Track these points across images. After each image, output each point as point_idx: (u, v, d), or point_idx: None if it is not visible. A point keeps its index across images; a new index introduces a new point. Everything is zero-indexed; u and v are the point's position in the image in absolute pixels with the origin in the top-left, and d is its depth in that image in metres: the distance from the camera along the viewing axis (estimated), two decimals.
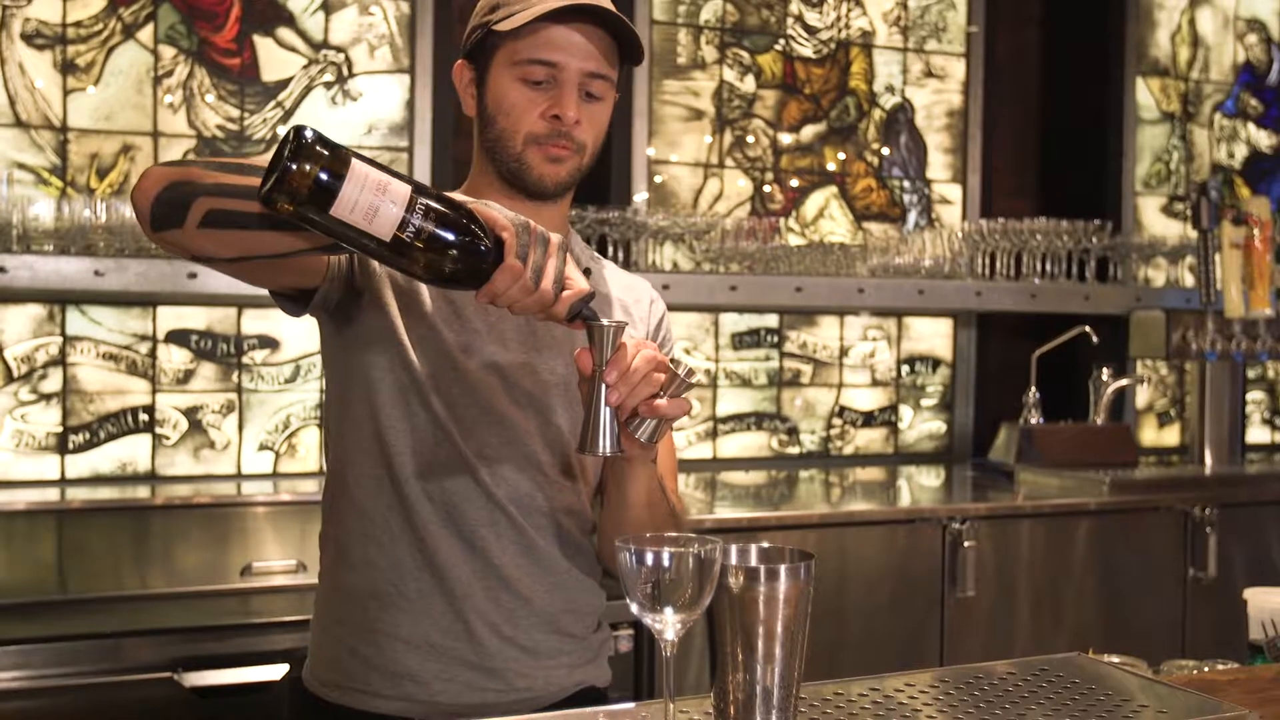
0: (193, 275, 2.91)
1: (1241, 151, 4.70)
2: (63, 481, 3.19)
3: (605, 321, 1.35)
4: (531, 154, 1.61)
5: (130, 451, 3.27)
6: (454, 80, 1.70)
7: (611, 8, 1.59)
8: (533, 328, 1.65)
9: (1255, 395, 4.69)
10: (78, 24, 3.22)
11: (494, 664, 1.60)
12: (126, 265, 2.87)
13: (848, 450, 4.12)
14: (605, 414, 1.35)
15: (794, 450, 4.04)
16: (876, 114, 4.15)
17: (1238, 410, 3.99)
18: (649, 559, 1.21)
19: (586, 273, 1.69)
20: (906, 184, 4.19)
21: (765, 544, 1.31)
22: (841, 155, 4.10)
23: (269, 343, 3.40)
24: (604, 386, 1.35)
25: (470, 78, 1.67)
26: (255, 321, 3.38)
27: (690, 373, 1.39)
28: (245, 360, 3.37)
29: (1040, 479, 3.61)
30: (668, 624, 1.21)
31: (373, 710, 1.60)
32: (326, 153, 1.22)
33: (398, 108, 3.52)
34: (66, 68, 3.21)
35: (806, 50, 4.04)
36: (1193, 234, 3.97)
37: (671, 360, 1.40)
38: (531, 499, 1.62)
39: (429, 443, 1.59)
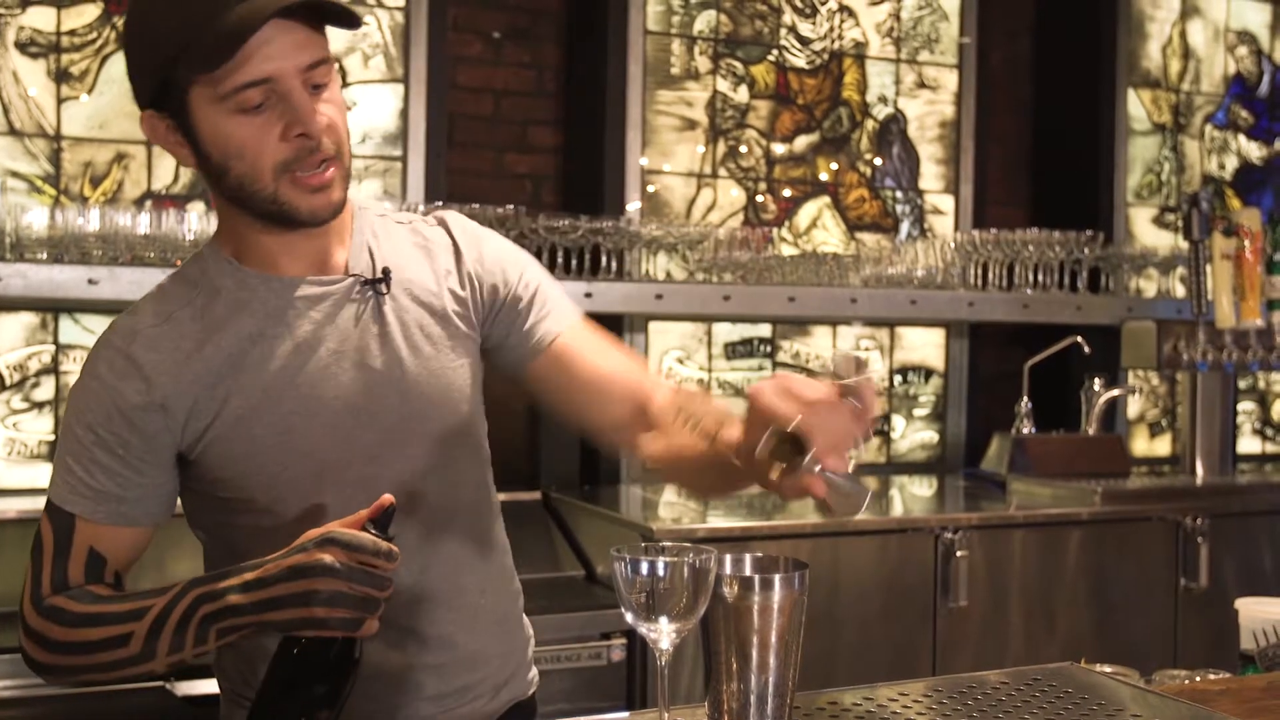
0: None
1: (1232, 163, 4.72)
2: None
3: (859, 355, 1.28)
4: (286, 190, 1.39)
5: None
6: (147, 134, 1.44)
7: None
8: None
9: (1246, 405, 4.71)
10: (71, 32, 3.22)
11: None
12: (120, 274, 2.86)
13: None
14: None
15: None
16: (869, 124, 4.16)
17: (1229, 420, 4.00)
18: (644, 568, 1.21)
19: (385, 274, 1.51)
20: (899, 194, 4.20)
21: (759, 553, 1.32)
22: (834, 165, 4.11)
23: None
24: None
25: (168, 127, 1.41)
26: None
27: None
28: None
29: (1032, 489, 3.62)
30: (662, 633, 1.21)
31: None
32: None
33: (392, 117, 3.53)
34: (60, 76, 3.21)
35: (799, 61, 4.05)
36: (1184, 245, 3.99)
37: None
38: None
39: None
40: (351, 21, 1.42)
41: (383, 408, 1.49)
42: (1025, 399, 3.88)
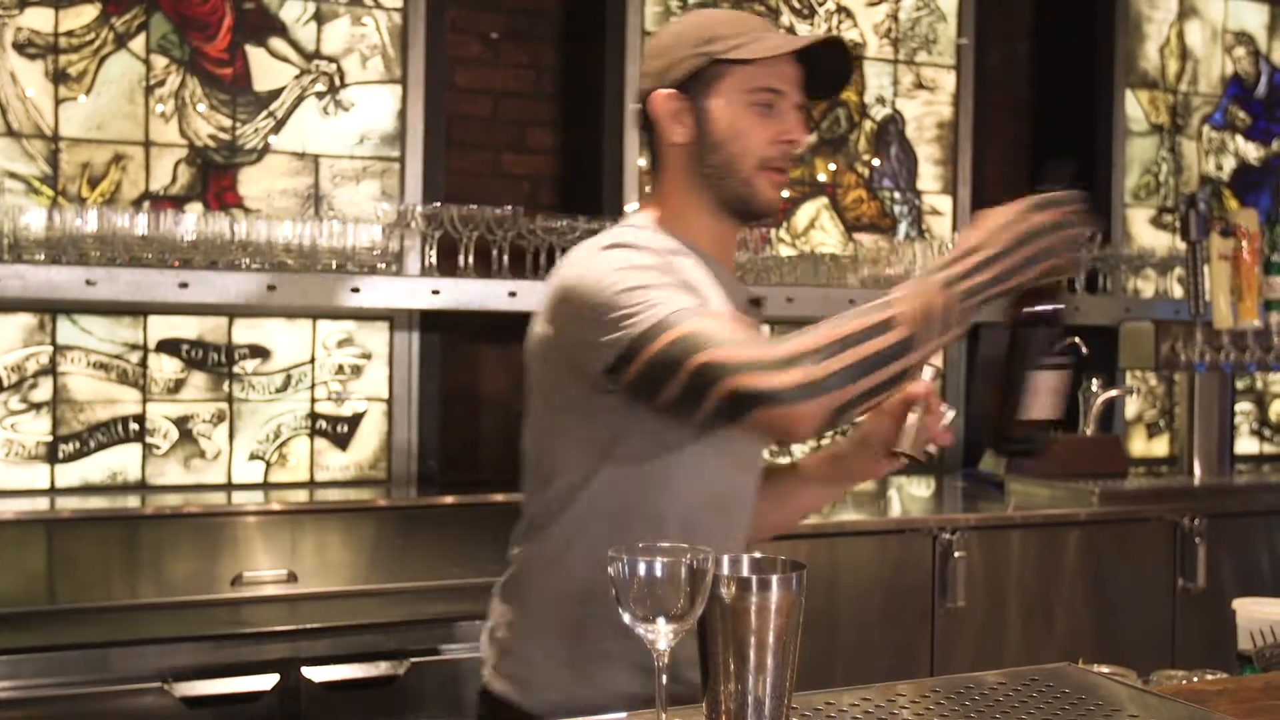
0: (184, 285, 2.91)
1: (1230, 164, 4.73)
2: (52, 491, 3.18)
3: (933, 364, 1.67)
4: (760, 179, 1.68)
5: (120, 461, 3.26)
6: (653, 109, 1.71)
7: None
8: None
9: (1244, 406, 4.71)
10: (69, 33, 3.22)
11: None
12: (118, 274, 2.86)
13: None
14: (918, 425, 1.67)
15: (785, 460, 4.04)
16: (867, 125, 4.16)
17: (1226, 421, 4.01)
18: (641, 569, 1.21)
19: (759, 301, 1.84)
20: (897, 195, 4.20)
21: (757, 554, 1.32)
22: (832, 166, 4.11)
23: (260, 352, 3.39)
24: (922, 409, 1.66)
25: (680, 106, 1.70)
26: (246, 331, 3.38)
27: (952, 411, 1.77)
28: (236, 370, 3.37)
29: (1030, 489, 3.62)
30: (660, 634, 1.22)
31: None
32: None
33: (390, 118, 3.53)
34: (58, 77, 3.21)
35: None
36: (1181, 245, 3.99)
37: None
38: None
39: None
40: (834, 87, 1.77)
41: None
42: None
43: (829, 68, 1.73)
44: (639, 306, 1.50)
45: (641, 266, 1.55)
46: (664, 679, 1.25)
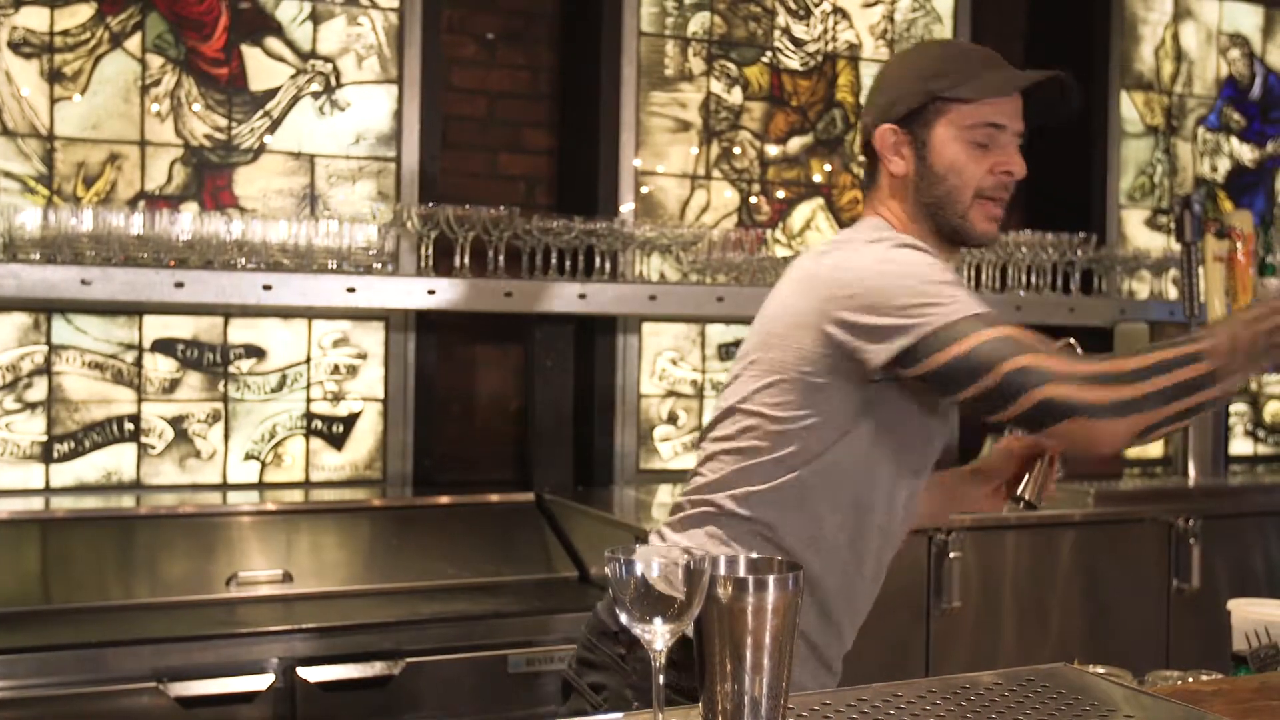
0: (179, 285, 2.91)
1: (1224, 165, 4.74)
2: (47, 490, 3.18)
3: None
4: (975, 211, 1.76)
5: (115, 461, 3.26)
6: (876, 143, 1.80)
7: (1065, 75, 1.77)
8: None
9: (1238, 407, 4.72)
10: (65, 32, 3.21)
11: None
12: (113, 274, 2.86)
13: None
14: (1045, 470, 1.89)
15: None
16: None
17: (1221, 422, 4.01)
18: (638, 569, 1.21)
19: None
20: None
21: (754, 554, 1.32)
22: (828, 167, 4.11)
23: (255, 352, 3.39)
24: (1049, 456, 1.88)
25: (901, 140, 1.78)
26: (241, 331, 3.38)
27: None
28: (231, 370, 3.37)
29: None
30: (657, 634, 1.22)
31: None
32: None
33: (385, 118, 3.53)
34: (53, 76, 3.20)
35: (793, 63, 4.06)
36: (1176, 247, 3.99)
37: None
38: None
39: None
40: (1064, 112, 1.81)
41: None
42: None
43: (1051, 93, 1.78)
44: (946, 300, 1.61)
45: (939, 267, 1.68)
46: (660, 679, 1.25)
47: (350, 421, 3.50)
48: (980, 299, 1.65)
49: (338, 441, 3.48)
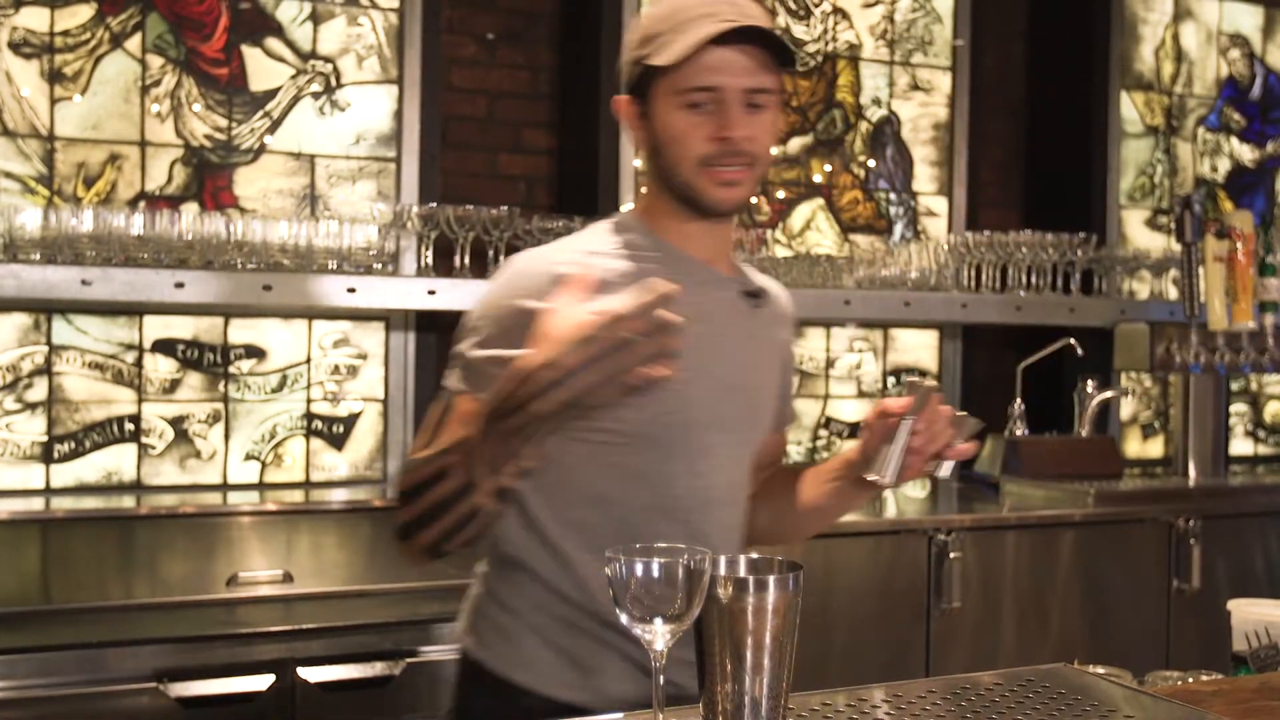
0: (180, 285, 2.91)
1: (1224, 165, 4.74)
2: (47, 491, 3.18)
3: (928, 383, 1.61)
4: (702, 179, 1.64)
5: (116, 461, 3.26)
6: (617, 114, 1.73)
7: (763, 23, 1.62)
8: None
9: (1239, 407, 4.72)
10: (65, 33, 3.21)
11: None
12: (113, 274, 2.86)
13: None
14: (900, 450, 1.60)
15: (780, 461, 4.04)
16: (863, 126, 4.16)
17: (1221, 422, 4.01)
18: (638, 569, 1.21)
19: (761, 292, 1.80)
20: (893, 196, 4.21)
21: (754, 554, 1.32)
22: (828, 167, 4.11)
23: (255, 352, 3.39)
24: (910, 431, 1.60)
25: (635, 111, 1.70)
26: (242, 331, 3.38)
27: (976, 423, 1.69)
28: (232, 370, 3.37)
29: (1025, 490, 3.63)
30: (657, 634, 1.22)
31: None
32: None
33: (386, 118, 3.53)
34: (54, 76, 3.20)
35: None
36: (1176, 247, 3.99)
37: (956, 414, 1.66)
38: None
39: None
40: (787, 62, 1.65)
41: (741, 396, 1.73)
42: (1018, 401, 3.89)
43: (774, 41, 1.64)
44: (456, 356, 1.63)
45: (496, 299, 1.64)
46: (661, 680, 1.25)
47: (350, 422, 3.50)
48: (486, 348, 1.59)
49: (338, 442, 3.48)
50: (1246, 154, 4.77)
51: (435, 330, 3.49)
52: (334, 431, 3.48)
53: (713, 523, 1.69)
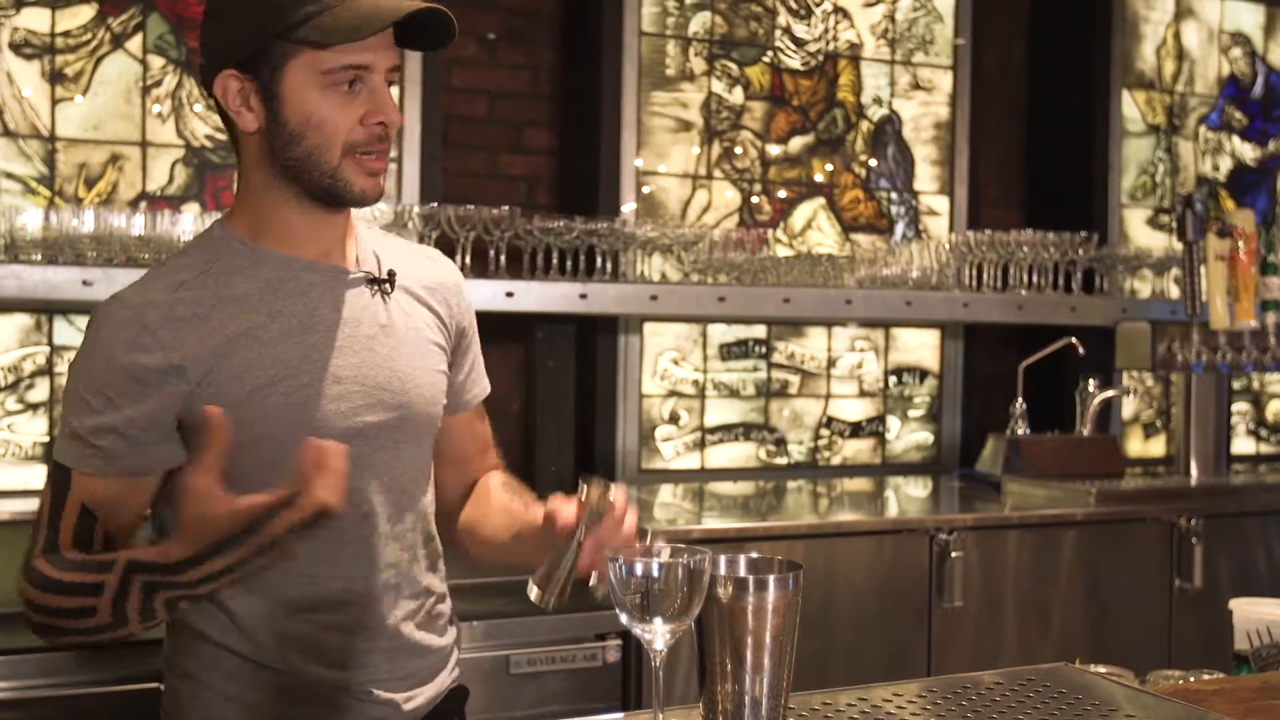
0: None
1: (1226, 164, 4.73)
2: None
3: (606, 496, 1.39)
4: (349, 168, 1.49)
5: None
6: (218, 93, 1.49)
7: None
8: None
9: (1240, 406, 4.71)
10: (66, 33, 3.22)
11: None
12: (115, 275, 2.86)
13: (835, 461, 4.12)
14: (566, 572, 1.40)
15: (782, 461, 4.05)
16: (864, 126, 4.16)
17: (1223, 421, 4.01)
18: (638, 570, 1.21)
19: (391, 275, 1.61)
20: (894, 195, 4.21)
21: (754, 554, 1.32)
22: (829, 167, 4.11)
23: None
24: (578, 546, 1.39)
25: (249, 88, 1.47)
26: None
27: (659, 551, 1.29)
28: None
29: (1027, 490, 3.63)
30: (657, 634, 1.22)
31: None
32: None
33: None
34: (55, 77, 3.21)
35: (794, 62, 4.06)
36: (1178, 246, 3.99)
37: (641, 530, 1.45)
38: None
39: None
40: (440, 42, 1.53)
41: (386, 394, 1.57)
42: (1020, 400, 3.89)
43: (427, 21, 1.49)
44: (66, 427, 1.49)
45: (88, 372, 1.47)
46: (660, 680, 1.25)
47: None
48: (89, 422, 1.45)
49: None
50: (1248, 153, 4.76)
51: None
52: None
53: (381, 536, 1.56)
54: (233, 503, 1.29)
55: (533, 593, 1.41)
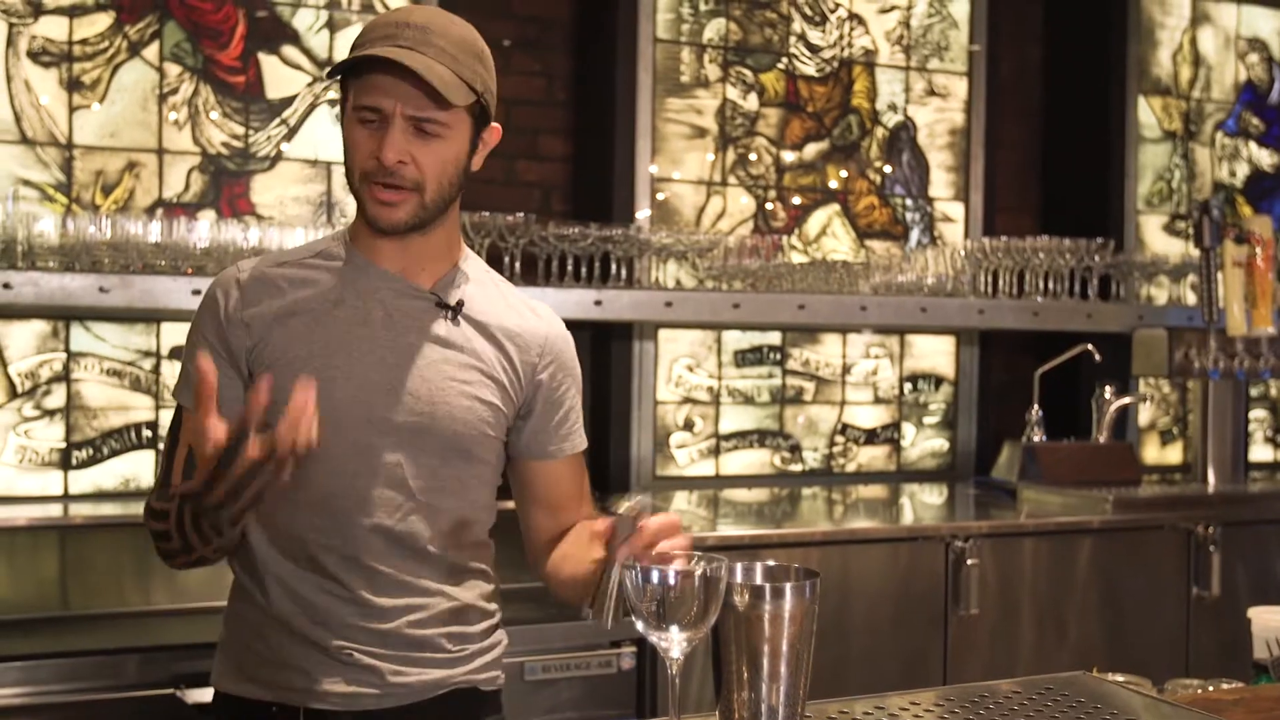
0: (197, 292, 2.91)
1: (1243, 170, 4.71)
2: (66, 497, 3.19)
3: (621, 510, 1.41)
4: (364, 194, 1.67)
5: (133, 467, 3.27)
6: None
7: (440, 61, 1.60)
8: None
9: (1258, 413, 4.69)
10: (84, 41, 3.23)
11: None
12: (131, 282, 2.87)
13: (850, 468, 4.11)
14: (614, 586, 1.35)
15: (796, 468, 4.04)
16: (879, 132, 4.16)
17: (1240, 428, 3.99)
18: (654, 578, 1.21)
19: (459, 305, 1.73)
20: (909, 202, 4.20)
21: (771, 562, 1.32)
22: (844, 173, 4.10)
23: None
24: (618, 574, 1.35)
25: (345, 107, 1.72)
26: None
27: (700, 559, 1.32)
28: None
29: (1043, 497, 3.61)
30: (673, 642, 1.21)
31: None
32: None
33: None
34: (72, 85, 3.22)
35: (809, 69, 4.06)
36: (1195, 252, 3.98)
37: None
38: None
39: None
40: (440, 102, 1.61)
41: (410, 398, 1.68)
42: (1036, 407, 3.88)
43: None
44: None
45: (196, 321, 1.73)
46: (676, 688, 1.25)
47: None
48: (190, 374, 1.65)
49: None
50: (1265, 159, 4.74)
51: None
52: None
53: (370, 529, 1.66)
54: (218, 436, 1.41)
55: (587, 614, 1.50)
